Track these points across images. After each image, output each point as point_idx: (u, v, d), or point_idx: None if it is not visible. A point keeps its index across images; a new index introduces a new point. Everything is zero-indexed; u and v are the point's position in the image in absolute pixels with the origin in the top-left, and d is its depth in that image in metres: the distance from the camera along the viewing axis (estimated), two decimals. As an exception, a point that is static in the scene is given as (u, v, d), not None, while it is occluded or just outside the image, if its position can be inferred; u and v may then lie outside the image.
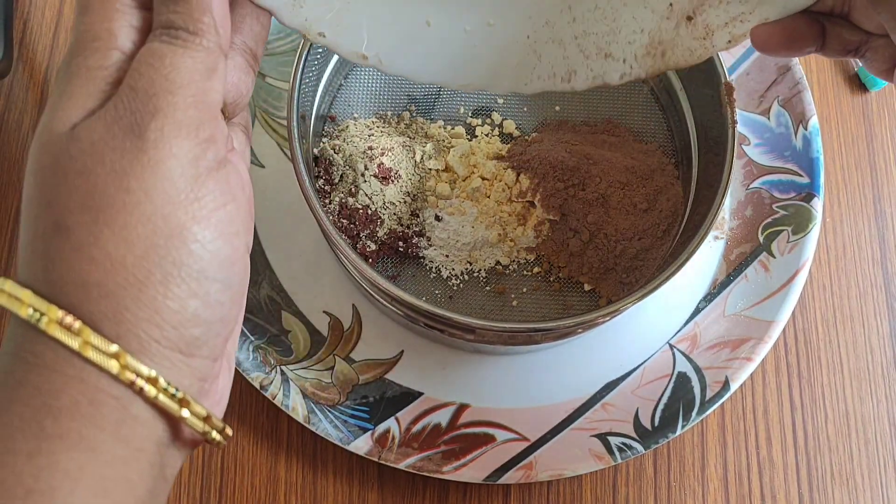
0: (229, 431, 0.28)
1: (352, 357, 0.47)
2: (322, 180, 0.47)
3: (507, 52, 0.34)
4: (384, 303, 0.45)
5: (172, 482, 0.28)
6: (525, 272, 0.48)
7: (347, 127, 0.48)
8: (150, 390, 0.25)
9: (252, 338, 0.46)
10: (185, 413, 0.26)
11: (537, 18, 0.34)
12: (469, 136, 0.49)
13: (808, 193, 0.50)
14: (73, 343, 0.24)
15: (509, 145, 0.49)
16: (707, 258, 0.50)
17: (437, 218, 0.47)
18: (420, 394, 0.46)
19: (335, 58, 0.49)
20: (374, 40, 0.33)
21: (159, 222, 0.25)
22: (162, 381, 0.25)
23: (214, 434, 0.27)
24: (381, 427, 0.45)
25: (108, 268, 0.25)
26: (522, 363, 0.47)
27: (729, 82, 0.44)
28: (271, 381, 0.45)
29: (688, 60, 0.35)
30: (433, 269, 0.48)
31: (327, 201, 0.47)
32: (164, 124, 0.25)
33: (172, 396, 0.25)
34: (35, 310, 0.24)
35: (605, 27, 0.34)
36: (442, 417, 0.46)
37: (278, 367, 0.46)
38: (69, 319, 0.24)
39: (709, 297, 0.49)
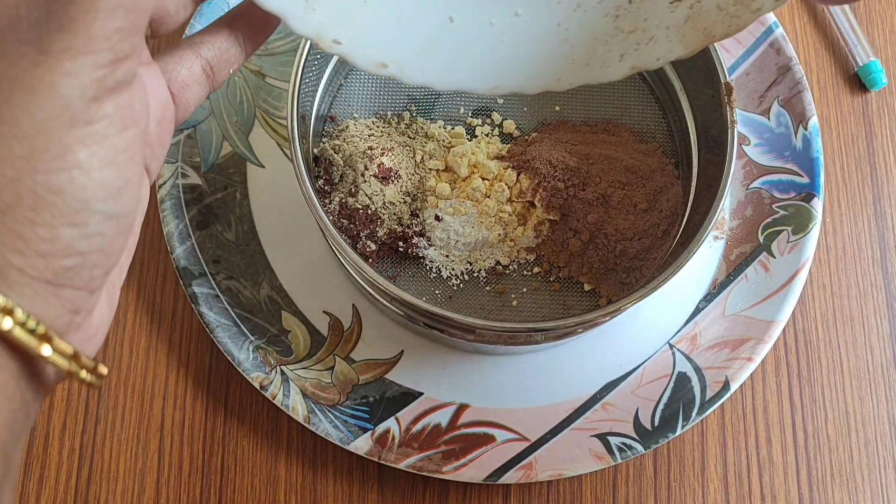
0: (103, 370, 0.26)
1: (352, 357, 0.47)
2: (322, 180, 0.47)
3: (538, 45, 0.32)
4: (384, 303, 0.45)
5: (35, 420, 0.26)
6: (525, 272, 0.48)
7: (347, 127, 0.48)
8: (4, 322, 0.22)
9: (252, 338, 0.46)
10: (45, 350, 0.23)
11: (567, 2, 0.31)
12: (469, 136, 0.49)
13: (808, 193, 0.50)
14: None
15: (509, 145, 0.49)
16: (707, 258, 0.50)
17: (437, 218, 0.47)
18: (420, 394, 0.46)
19: (335, 58, 0.49)
20: (394, 44, 0.31)
21: (39, 143, 0.22)
22: (19, 313, 0.23)
23: (84, 373, 0.25)
24: (381, 427, 0.45)
25: None
26: (522, 363, 0.47)
27: (729, 82, 0.44)
28: (271, 381, 0.45)
29: (728, 31, 0.31)
30: (433, 269, 0.48)
31: (327, 201, 0.47)
32: (74, 41, 0.22)
33: (32, 332, 0.23)
34: None
35: (638, 4, 0.31)
36: (442, 417, 0.46)
37: (278, 367, 0.46)
38: None
39: (709, 297, 0.49)
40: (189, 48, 0.30)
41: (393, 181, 0.47)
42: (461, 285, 0.48)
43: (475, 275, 0.48)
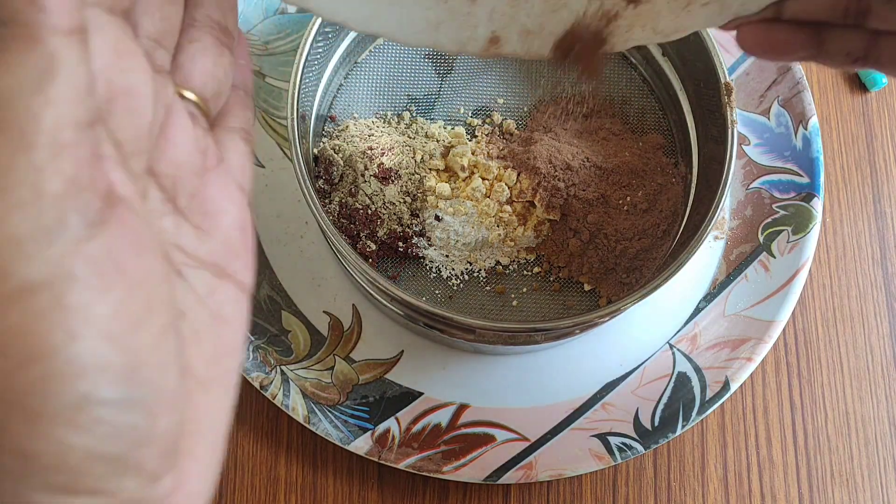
0: None
1: (352, 357, 0.47)
2: (322, 180, 0.47)
3: None
4: (384, 303, 0.45)
5: None
6: (525, 272, 0.48)
7: (347, 127, 0.48)
8: None
9: (252, 338, 0.46)
10: None
11: None
12: (469, 136, 0.49)
13: (808, 193, 0.50)
14: None
15: (509, 145, 0.49)
16: (707, 258, 0.50)
17: (437, 218, 0.47)
18: (420, 394, 0.46)
19: (335, 58, 0.49)
20: None
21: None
22: None
23: None
24: (381, 427, 0.45)
25: None
26: (522, 363, 0.47)
27: (729, 82, 0.44)
28: (271, 381, 0.45)
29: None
30: (433, 269, 0.48)
31: (327, 201, 0.47)
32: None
33: None
34: None
35: None
36: (442, 417, 0.46)
37: (278, 367, 0.46)
38: None
39: (709, 297, 0.49)
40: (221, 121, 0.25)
41: (393, 181, 0.47)
42: (461, 285, 0.48)
43: (475, 275, 0.48)
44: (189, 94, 0.23)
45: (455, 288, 0.47)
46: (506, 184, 0.47)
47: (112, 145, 0.19)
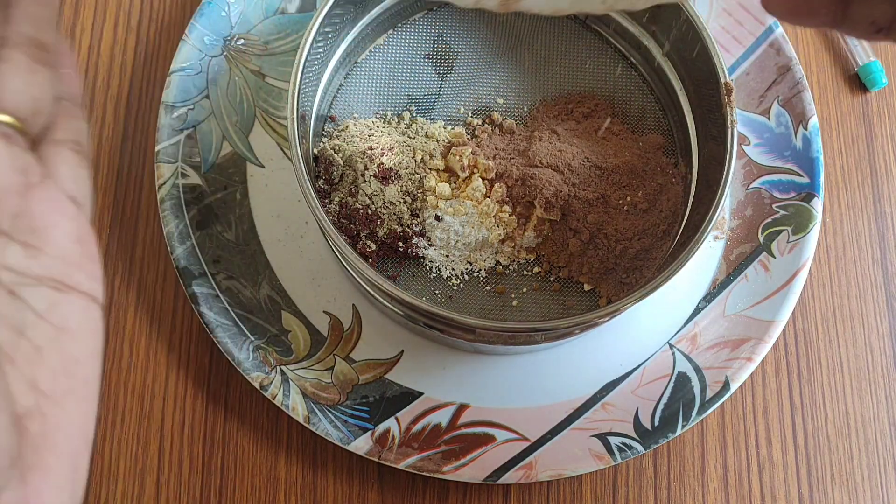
0: None
1: (352, 357, 0.47)
2: (322, 180, 0.47)
3: None
4: (384, 303, 0.45)
5: None
6: (525, 272, 0.48)
7: (347, 127, 0.48)
8: None
9: (252, 338, 0.46)
10: None
11: None
12: (469, 136, 0.49)
13: (808, 193, 0.50)
14: None
15: (509, 145, 0.49)
16: (707, 258, 0.50)
17: (437, 218, 0.47)
18: (420, 394, 0.46)
19: (335, 58, 0.49)
20: None
21: None
22: None
23: None
24: (381, 427, 0.45)
25: None
26: (522, 363, 0.47)
27: (729, 82, 0.44)
28: (271, 381, 0.45)
29: None
30: (433, 269, 0.48)
31: (327, 201, 0.47)
32: None
33: None
34: None
35: None
36: (442, 417, 0.46)
37: (278, 367, 0.46)
38: None
39: (709, 297, 0.49)
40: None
41: (393, 181, 0.47)
42: (461, 285, 0.48)
43: (475, 275, 0.48)
44: (2, 117, 0.23)
45: (455, 288, 0.47)
46: (505, 184, 0.47)
47: None
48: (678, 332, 0.48)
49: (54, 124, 0.25)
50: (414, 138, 0.49)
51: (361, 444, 0.45)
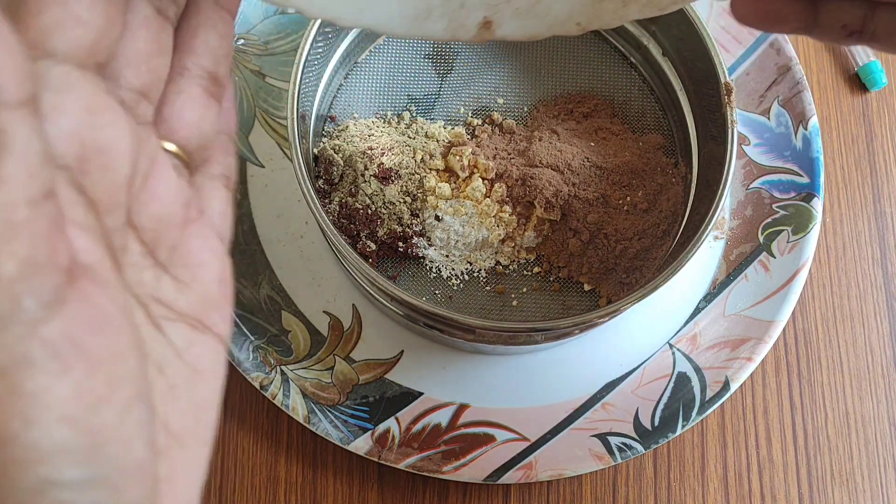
0: None
1: (352, 357, 0.47)
2: (322, 180, 0.47)
3: None
4: (384, 303, 0.45)
5: None
6: (525, 272, 0.48)
7: (347, 127, 0.48)
8: None
9: (252, 338, 0.46)
10: None
11: None
12: (469, 136, 0.49)
13: (808, 193, 0.50)
14: None
15: (509, 145, 0.49)
16: (707, 258, 0.50)
17: (437, 218, 0.47)
18: (420, 394, 0.46)
19: (335, 58, 0.49)
20: None
21: None
22: None
23: None
24: (381, 427, 0.45)
25: None
26: (522, 363, 0.47)
27: (729, 82, 0.44)
28: (271, 381, 0.45)
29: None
30: (433, 269, 0.48)
31: (327, 201, 0.47)
32: None
33: None
34: None
35: None
36: (442, 417, 0.46)
37: (278, 367, 0.46)
38: None
39: (709, 297, 0.49)
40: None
41: (393, 181, 0.47)
42: (461, 285, 0.48)
43: (475, 275, 0.48)
44: (172, 147, 0.23)
45: (455, 288, 0.47)
46: (505, 184, 0.47)
47: (82, 207, 0.19)
48: (678, 332, 0.48)
49: (212, 158, 0.25)
50: (414, 138, 0.49)
51: (361, 444, 0.45)
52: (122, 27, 0.20)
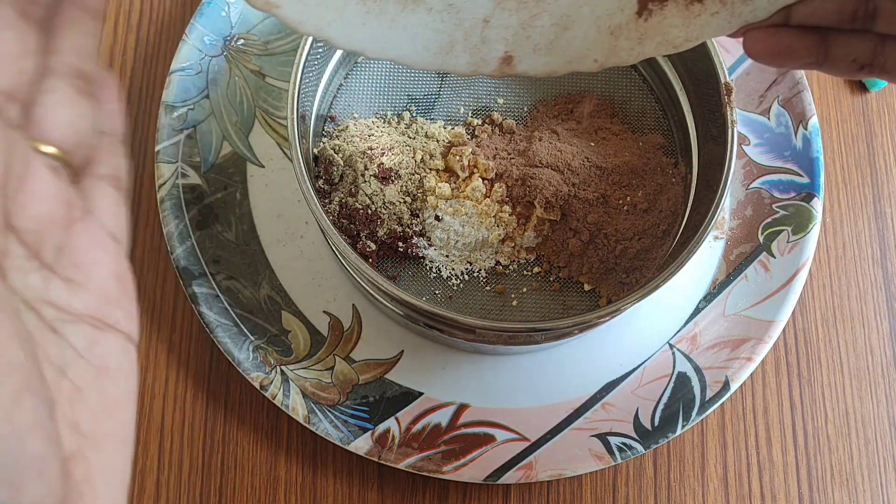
0: None
1: (352, 357, 0.47)
2: (322, 180, 0.47)
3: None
4: (384, 303, 0.45)
5: None
6: (525, 272, 0.48)
7: (347, 127, 0.48)
8: None
9: (252, 338, 0.46)
10: None
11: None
12: (469, 136, 0.49)
13: (808, 193, 0.50)
14: None
15: (509, 145, 0.49)
16: (707, 258, 0.50)
17: (437, 218, 0.47)
18: (420, 394, 0.46)
19: (335, 57, 0.49)
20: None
21: None
22: None
23: None
24: (381, 427, 0.45)
25: None
26: (522, 363, 0.47)
27: (729, 82, 0.44)
28: (271, 381, 0.45)
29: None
30: (433, 269, 0.48)
31: (327, 201, 0.47)
32: None
33: None
34: None
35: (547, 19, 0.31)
36: (442, 417, 0.46)
37: (278, 367, 0.46)
38: None
39: (709, 297, 0.49)
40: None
41: (393, 181, 0.47)
42: (461, 285, 0.48)
43: (475, 275, 0.48)
44: (48, 148, 0.23)
45: (455, 288, 0.47)
46: (505, 184, 0.47)
47: None
48: (678, 332, 0.48)
49: (97, 159, 0.25)
50: (414, 138, 0.49)
51: (361, 444, 0.45)
52: None
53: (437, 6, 0.30)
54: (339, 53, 0.49)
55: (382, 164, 0.46)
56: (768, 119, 0.52)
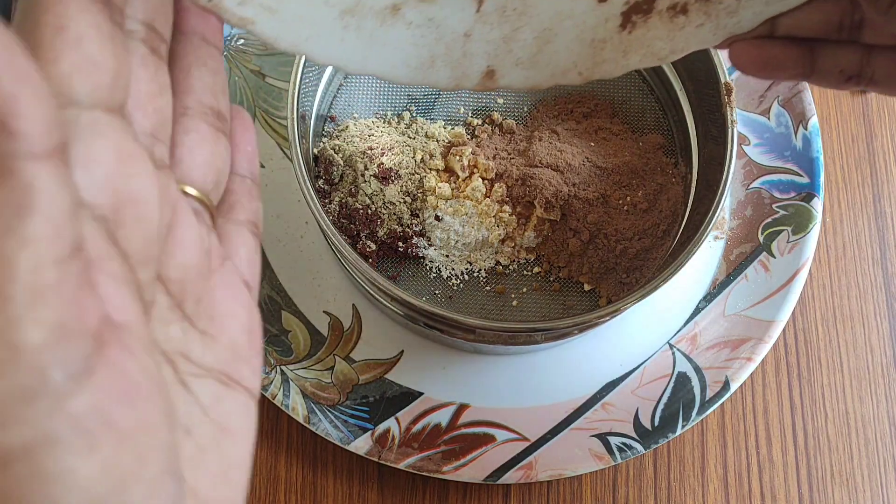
0: None
1: (352, 357, 0.47)
2: (322, 180, 0.48)
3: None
4: (384, 303, 0.45)
5: None
6: (525, 272, 0.48)
7: (347, 127, 0.48)
8: None
9: (252, 338, 0.46)
10: None
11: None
12: (469, 136, 0.49)
13: (808, 193, 0.50)
14: None
15: (509, 145, 0.49)
16: (707, 258, 0.50)
17: (437, 218, 0.47)
18: (420, 394, 0.46)
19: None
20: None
21: None
22: None
23: None
24: (381, 427, 0.45)
25: None
26: (522, 363, 0.47)
27: (729, 82, 0.44)
28: (271, 381, 0.45)
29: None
30: (433, 269, 0.48)
31: (327, 201, 0.47)
32: None
33: None
34: None
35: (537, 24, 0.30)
36: (442, 417, 0.46)
37: (278, 367, 0.46)
38: None
39: (709, 297, 0.49)
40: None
41: (393, 181, 0.47)
42: (461, 285, 0.48)
43: (475, 275, 0.48)
44: (191, 190, 0.22)
45: (455, 288, 0.47)
46: (505, 184, 0.47)
47: (117, 260, 0.17)
48: (678, 332, 0.48)
49: (237, 203, 0.24)
50: (414, 138, 0.49)
51: (361, 444, 0.45)
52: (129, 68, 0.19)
53: (417, 20, 0.29)
54: (339, 53, 0.49)
55: (382, 164, 0.46)
56: (768, 119, 0.52)
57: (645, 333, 0.48)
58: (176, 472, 0.18)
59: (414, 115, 0.50)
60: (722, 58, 0.45)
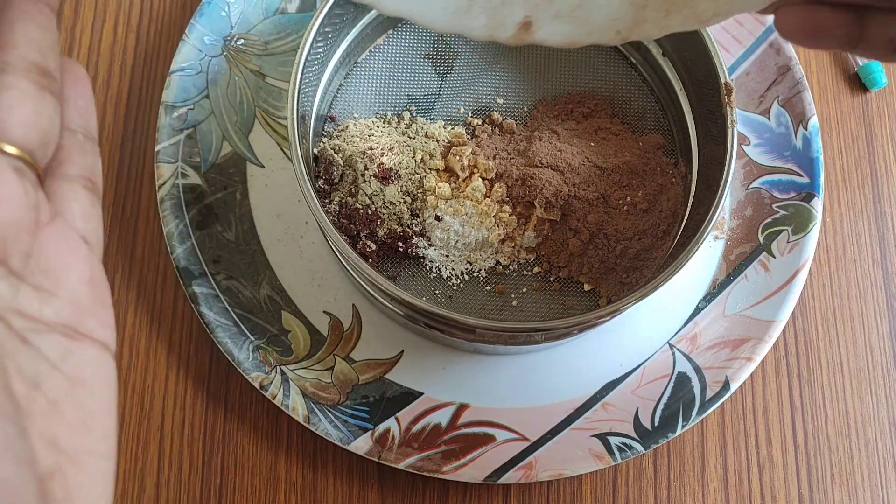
0: None
1: (352, 357, 0.47)
2: (322, 180, 0.48)
3: None
4: (384, 303, 0.45)
5: None
6: (525, 272, 0.48)
7: (347, 127, 0.48)
8: None
9: (252, 338, 0.46)
10: None
11: None
12: (469, 136, 0.49)
13: (808, 193, 0.50)
14: None
15: (509, 145, 0.49)
16: (707, 258, 0.50)
17: (437, 218, 0.47)
18: (420, 394, 0.46)
19: (335, 58, 0.49)
20: None
21: None
22: None
23: None
24: (381, 427, 0.45)
25: None
26: (522, 363, 0.47)
27: (729, 82, 0.44)
28: (271, 381, 0.45)
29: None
30: (433, 269, 0.48)
31: (327, 201, 0.47)
32: None
33: None
34: None
35: None
36: (442, 417, 0.46)
37: (278, 367, 0.46)
38: None
39: (709, 297, 0.49)
40: (60, 180, 0.23)
41: (393, 181, 0.47)
42: (461, 285, 0.48)
43: (475, 275, 0.48)
44: (10, 149, 0.21)
45: (455, 288, 0.47)
46: (505, 184, 0.47)
47: None
48: (678, 332, 0.48)
49: (67, 159, 0.24)
50: (414, 138, 0.49)
51: (361, 444, 0.45)
52: None
53: None
54: (339, 53, 0.49)
55: (382, 164, 0.46)
56: (768, 119, 0.52)
57: (645, 333, 0.48)
58: (8, 416, 0.18)
59: (414, 115, 0.50)
60: (722, 57, 0.45)
